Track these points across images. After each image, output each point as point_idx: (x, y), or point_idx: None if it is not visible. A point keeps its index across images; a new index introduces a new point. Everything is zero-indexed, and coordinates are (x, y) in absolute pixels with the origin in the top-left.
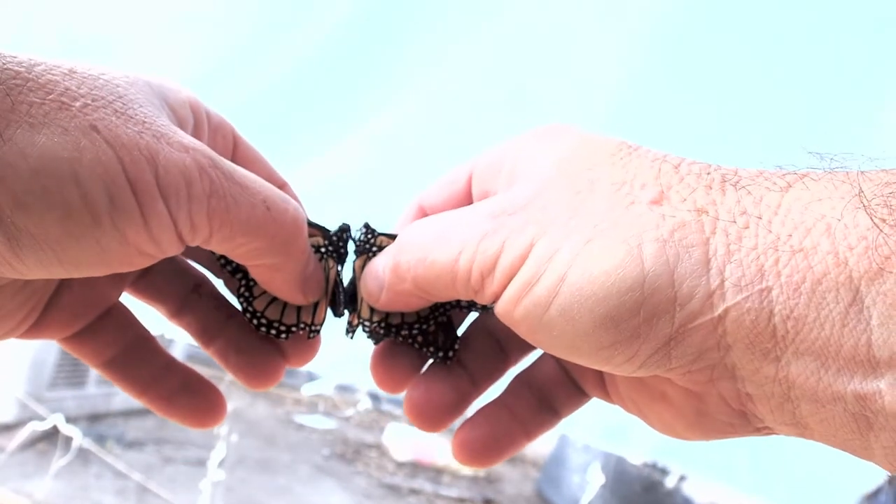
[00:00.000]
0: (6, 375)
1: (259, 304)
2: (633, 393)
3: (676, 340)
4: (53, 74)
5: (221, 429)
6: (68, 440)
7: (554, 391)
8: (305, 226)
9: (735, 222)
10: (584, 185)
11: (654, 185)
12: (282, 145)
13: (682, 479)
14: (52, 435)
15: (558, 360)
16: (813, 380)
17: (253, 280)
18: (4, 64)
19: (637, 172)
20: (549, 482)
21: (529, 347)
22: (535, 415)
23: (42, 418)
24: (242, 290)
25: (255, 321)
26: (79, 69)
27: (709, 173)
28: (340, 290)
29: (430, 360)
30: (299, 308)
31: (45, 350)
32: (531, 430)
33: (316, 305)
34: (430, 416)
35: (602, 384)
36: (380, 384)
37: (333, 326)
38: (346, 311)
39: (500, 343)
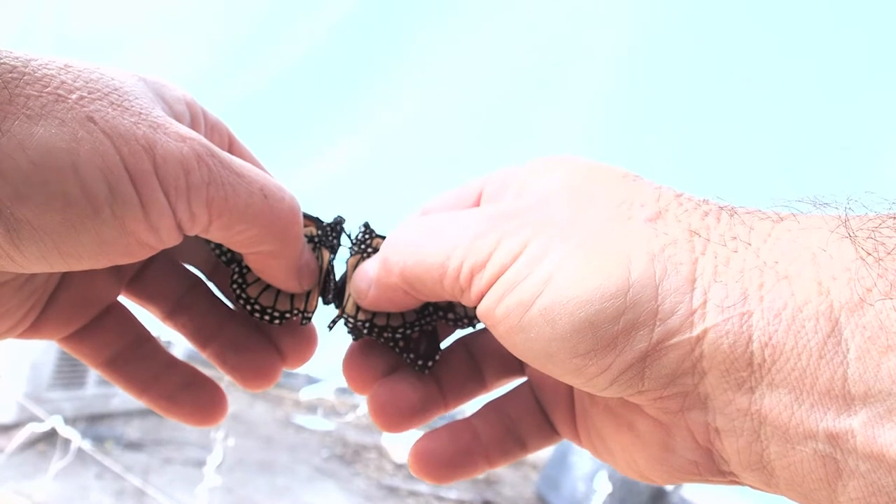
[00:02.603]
0: (6, 377)
1: (253, 291)
2: (602, 422)
3: (652, 358)
4: (49, 69)
5: (217, 433)
6: (67, 441)
7: (524, 423)
8: (301, 214)
9: (725, 246)
10: (586, 199)
11: (653, 206)
12: (279, 145)
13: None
14: (51, 436)
15: (533, 393)
16: (786, 415)
17: (247, 267)
18: (1, 58)
19: (638, 194)
20: (549, 484)
21: (506, 376)
22: (500, 442)
23: (41, 419)
24: (236, 276)
25: (248, 307)
26: (74, 64)
27: (706, 203)
28: (332, 278)
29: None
30: (292, 296)
31: (45, 352)
32: (493, 456)
33: (309, 293)
34: (390, 414)
35: (572, 421)
36: (350, 383)
37: (333, 331)
38: (333, 303)
39: (479, 367)
